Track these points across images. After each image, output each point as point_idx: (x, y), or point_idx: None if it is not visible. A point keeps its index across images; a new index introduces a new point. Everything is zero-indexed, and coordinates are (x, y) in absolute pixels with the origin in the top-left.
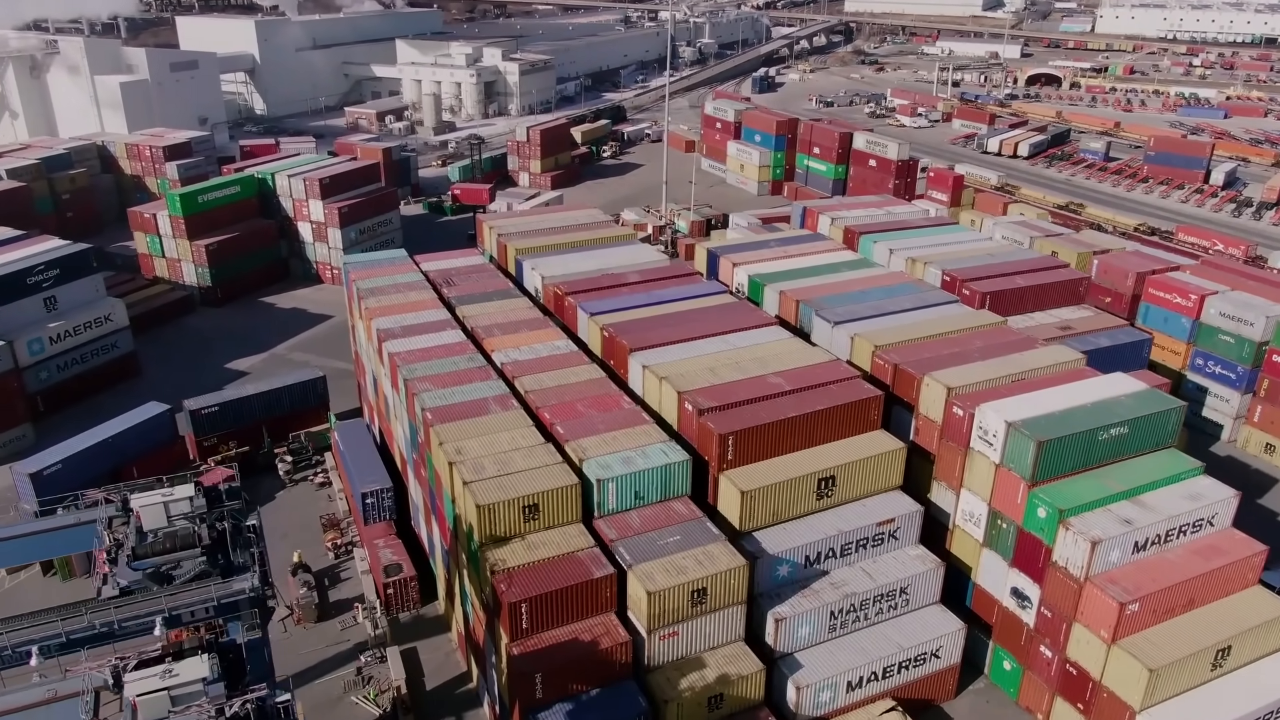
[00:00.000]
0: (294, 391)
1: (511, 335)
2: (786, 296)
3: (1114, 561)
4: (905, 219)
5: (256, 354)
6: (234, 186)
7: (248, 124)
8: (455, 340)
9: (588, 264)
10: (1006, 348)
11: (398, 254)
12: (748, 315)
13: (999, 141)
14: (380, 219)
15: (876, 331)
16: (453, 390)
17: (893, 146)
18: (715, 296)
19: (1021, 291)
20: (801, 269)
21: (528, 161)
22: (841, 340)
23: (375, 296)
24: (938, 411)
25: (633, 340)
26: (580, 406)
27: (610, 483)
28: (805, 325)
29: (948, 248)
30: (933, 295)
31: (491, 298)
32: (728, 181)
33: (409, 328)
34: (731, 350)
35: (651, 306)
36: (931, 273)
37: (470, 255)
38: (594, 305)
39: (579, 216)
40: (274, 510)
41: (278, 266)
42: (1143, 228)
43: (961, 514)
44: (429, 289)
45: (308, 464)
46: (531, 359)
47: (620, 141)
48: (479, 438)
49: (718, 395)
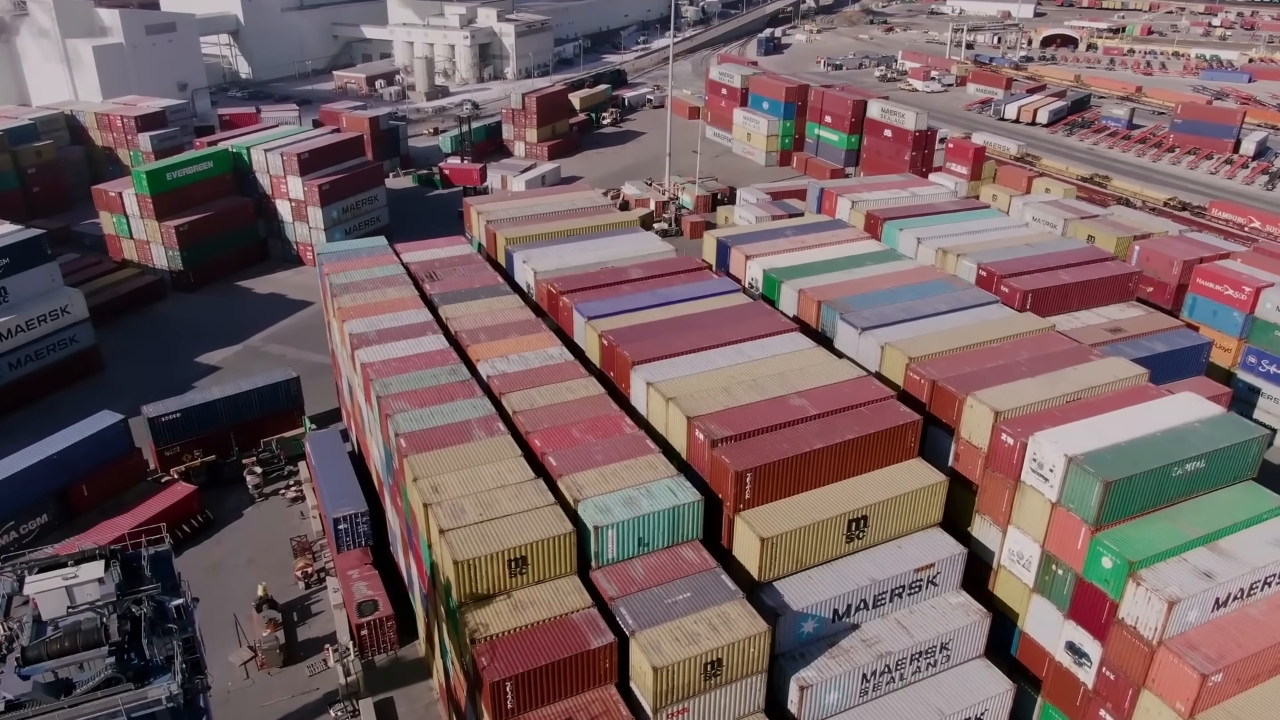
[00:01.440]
0: (264, 394)
1: (500, 341)
2: (806, 296)
3: (1192, 621)
4: (932, 202)
5: (229, 346)
6: (206, 162)
7: (232, 89)
8: (436, 348)
9: (585, 256)
10: (1058, 360)
11: (376, 243)
12: (764, 319)
13: (1017, 108)
14: (364, 195)
15: (910, 340)
16: (431, 411)
17: (909, 115)
18: (727, 296)
19: (1066, 289)
20: (821, 262)
21: (523, 130)
22: (870, 349)
23: (349, 294)
24: (982, 437)
25: (635, 351)
26: (576, 432)
27: (610, 529)
28: (828, 330)
29: (980, 236)
30: (969, 295)
31: (478, 295)
32: (734, 151)
33: (385, 332)
34: (747, 363)
35: (656, 309)
36: (965, 266)
37: (456, 243)
38: (592, 307)
39: (576, 200)
40: (240, 530)
41: (255, 247)
42: (1173, 202)
43: (1008, 554)
44: (409, 284)
45: (280, 475)
46: (521, 371)
47: (621, 108)
48: (459, 471)
49: (733, 422)
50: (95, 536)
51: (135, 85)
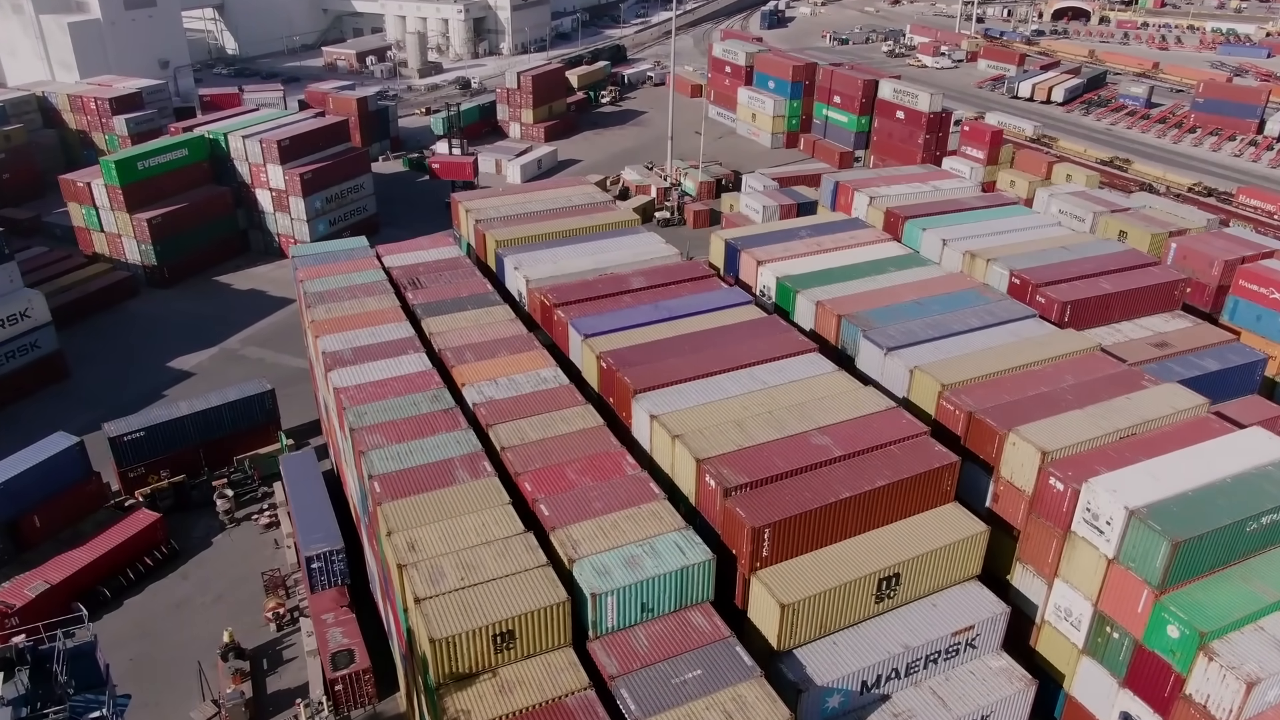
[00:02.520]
0: (237, 409)
1: (488, 361)
2: (825, 309)
3: (1271, 700)
4: (955, 198)
5: (205, 349)
6: (181, 149)
7: (218, 65)
8: (417, 369)
9: (582, 261)
10: (1106, 386)
11: (356, 244)
12: (779, 338)
13: (1031, 85)
14: (350, 184)
15: (942, 364)
16: (410, 447)
17: (923, 96)
18: (738, 309)
19: (1107, 300)
20: (839, 269)
21: (518, 111)
22: (897, 372)
23: (324, 304)
24: (1026, 478)
25: (638, 377)
26: (571, 472)
27: (609, 596)
28: (848, 348)
29: (1010, 237)
30: (1003, 308)
31: (465, 306)
32: (738, 132)
33: (362, 350)
34: (762, 391)
35: (660, 324)
36: (996, 272)
37: (442, 245)
38: (589, 323)
39: (572, 195)
40: (209, 562)
41: (235, 239)
42: (1198, 188)
43: (1054, 608)
44: (390, 293)
45: (253, 497)
46: (511, 397)
47: (620, 85)
48: (440, 523)
49: (748, 465)
50: (47, 574)
51: (114, 64)
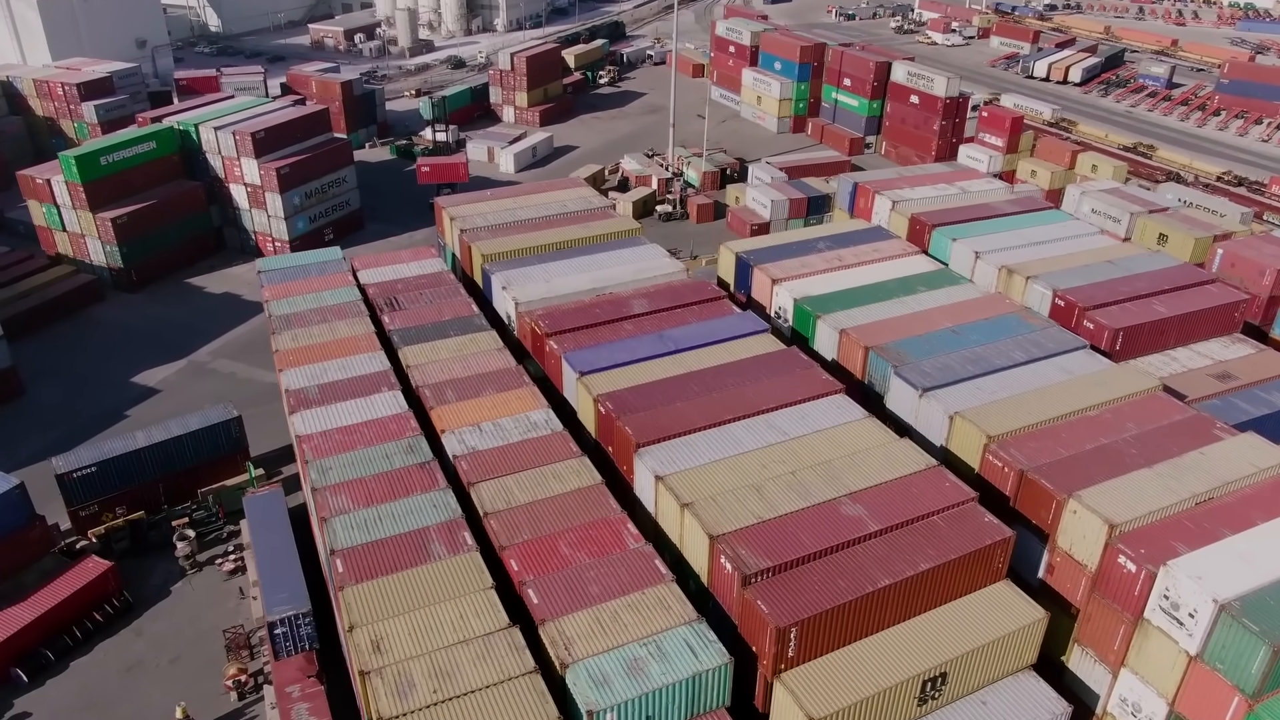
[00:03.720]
0: (199, 440)
1: (471, 401)
2: (849, 339)
3: None
4: (987, 202)
5: (172, 362)
6: (148, 142)
7: (200, 43)
8: (392, 411)
9: (577, 279)
10: (1175, 438)
11: (330, 255)
12: (801, 376)
13: (1047, 65)
14: (331, 178)
15: (986, 409)
16: (380, 512)
17: (939, 80)
18: (753, 340)
19: (1163, 325)
20: (863, 289)
21: (512, 94)
22: (934, 417)
23: (291, 330)
24: (1088, 552)
25: (640, 427)
26: (564, 546)
27: (609, 713)
28: (876, 383)
29: (1047, 248)
30: (1050, 337)
31: (447, 332)
32: (742, 115)
33: (331, 388)
34: (783, 444)
35: (665, 358)
36: (1037, 292)
37: (424, 257)
38: (585, 357)
39: (566, 200)
40: (166, 615)
41: (208, 238)
42: (1228, 177)
43: (1119, 701)
44: (364, 315)
45: (218, 535)
46: (496, 448)
47: (619, 65)
48: (411, 614)
49: (769, 544)
50: None
51: (88, 44)
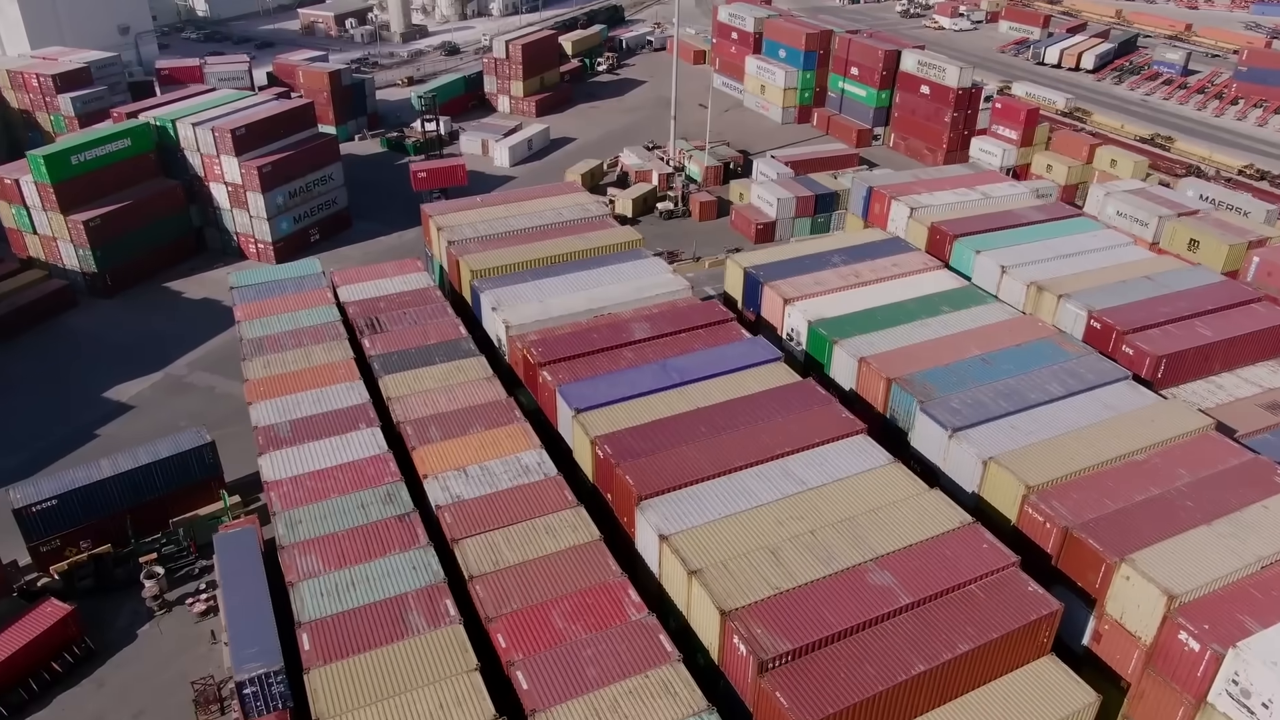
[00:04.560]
0: (169, 467)
1: (457, 440)
2: (870, 369)
3: None
4: (1011, 209)
5: (148, 374)
6: (123, 139)
7: (188, 29)
8: (370, 452)
9: (573, 298)
10: (1234, 488)
11: (307, 269)
12: (818, 414)
13: (1059, 51)
14: (317, 175)
15: (1024, 454)
16: (353, 576)
17: (951, 70)
18: (764, 369)
19: (1208, 351)
20: (883, 309)
21: (507, 83)
22: (965, 461)
23: (263, 356)
24: (1143, 624)
25: (642, 476)
26: (558, 618)
27: None
28: (900, 419)
29: (1078, 262)
30: (1088, 367)
31: (433, 358)
32: (745, 105)
33: (303, 425)
34: (800, 496)
35: (669, 392)
36: (1070, 312)
37: (410, 271)
38: (581, 391)
39: (562, 208)
40: (131, 663)
41: (188, 239)
42: (1250, 170)
43: None
44: (343, 338)
45: (189, 570)
46: (484, 496)
47: (618, 51)
48: (385, 702)
49: (788, 622)
50: None
51: (68, 32)
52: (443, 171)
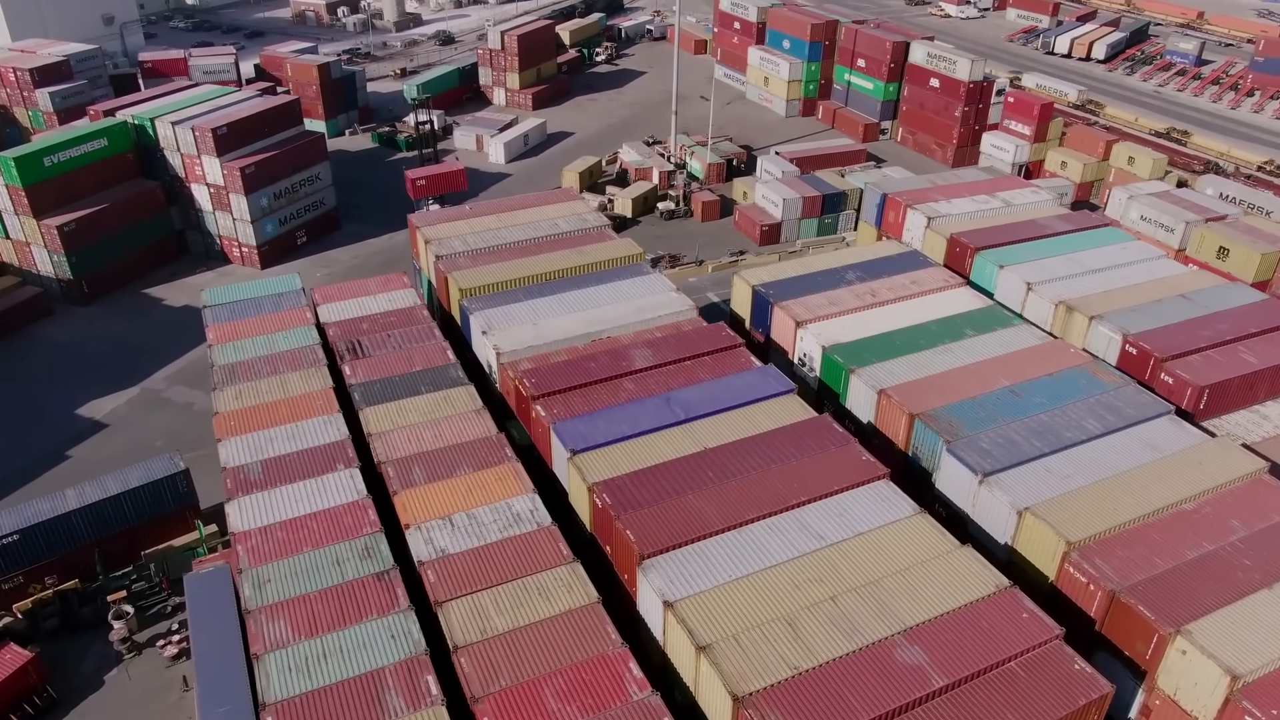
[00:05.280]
0: (139, 497)
1: (443, 484)
2: (890, 403)
3: None
4: (1035, 219)
5: (124, 388)
6: (99, 139)
7: (176, 17)
8: (348, 498)
9: (569, 321)
10: None
11: (286, 285)
12: (835, 458)
13: (1069, 40)
14: (303, 176)
15: (1064, 504)
16: (326, 646)
17: (962, 63)
18: (775, 403)
19: (1253, 380)
20: (902, 333)
21: (503, 75)
22: (998, 511)
23: (235, 385)
24: (1201, 704)
25: (644, 531)
26: (551, 696)
27: None
28: (925, 459)
29: (1109, 277)
30: (1127, 400)
31: (418, 387)
32: (748, 97)
33: (275, 465)
34: (819, 554)
35: (673, 429)
36: (1103, 335)
37: (396, 287)
38: (578, 431)
39: (558, 218)
40: (95, 715)
41: (169, 243)
42: (1270, 166)
43: None
44: (322, 364)
45: (161, 609)
46: (471, 550)
47: (617, 41)
48: None
49: (810, 708)
50: None
51: (51, 23)
52: (441, 178)
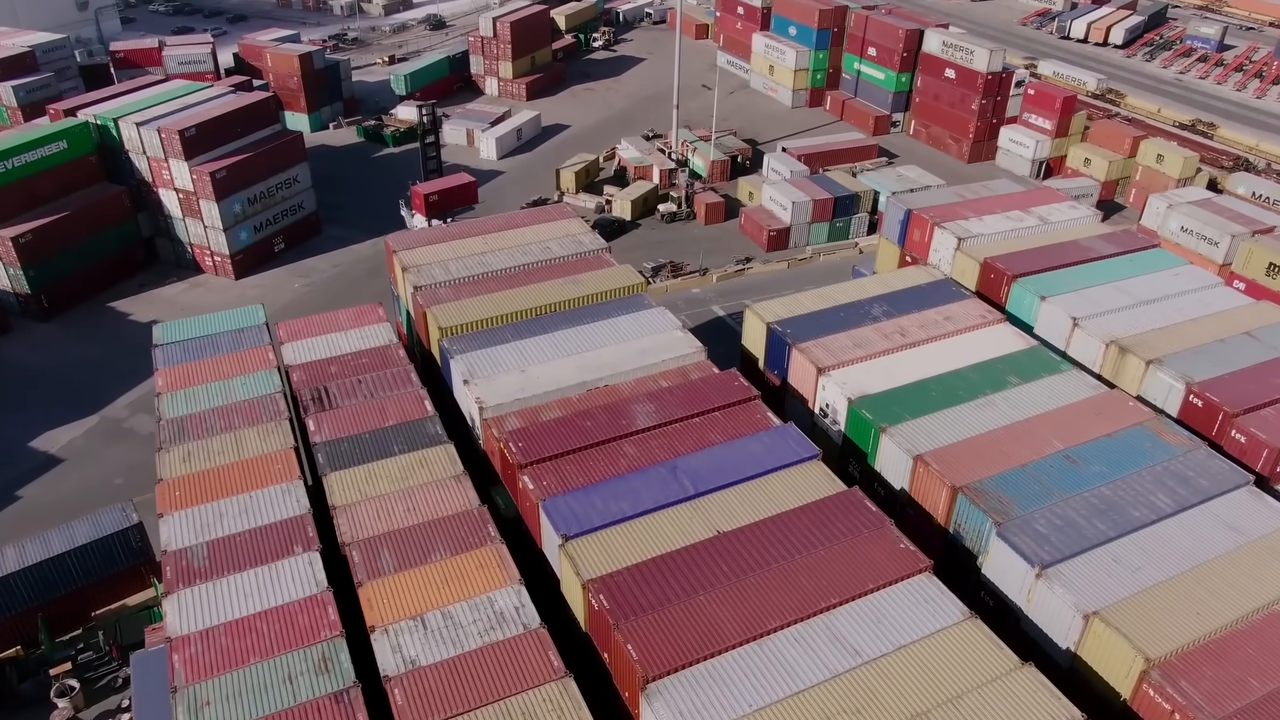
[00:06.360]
0: (88, 555)
1: (415, 571)
2: (929, 470)
3: None
4: (1077, 240)
5: (83, 416)
6: (58, 141)
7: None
8: (305, 591)
9: (563, 366)
10: None
11: (248, 319)
12: (869, 545)
13: (1085, 24)
14: (281, 178)
15: (1138, 606)
16: None
17: (980, 53)
18: (797, 472)
19: None
20: (937, 382)
21: (495, 64)
22: (1059, 612)
23: (183, 445)
24: None
25: (649, 646)
26: None
27: None
28: (970, 540)
29: (1163, 310)
30: (1197, 468)
31: (390, 447)
32: (752, 86)
33: (223, 546)
34: (853, 673)
35: (681, 506)
36: (1162, 383)
37: (370, 321)
38: (571, 509)
39: (551, 240)
40: None
41: (137, 251)
42: None
43: None
44: (283, 417)
45: (110, 681)
46: (447, 661)
47: (614, 25)
48: None
49: None
50: None
51: (22, 9)
52: (454, 192)
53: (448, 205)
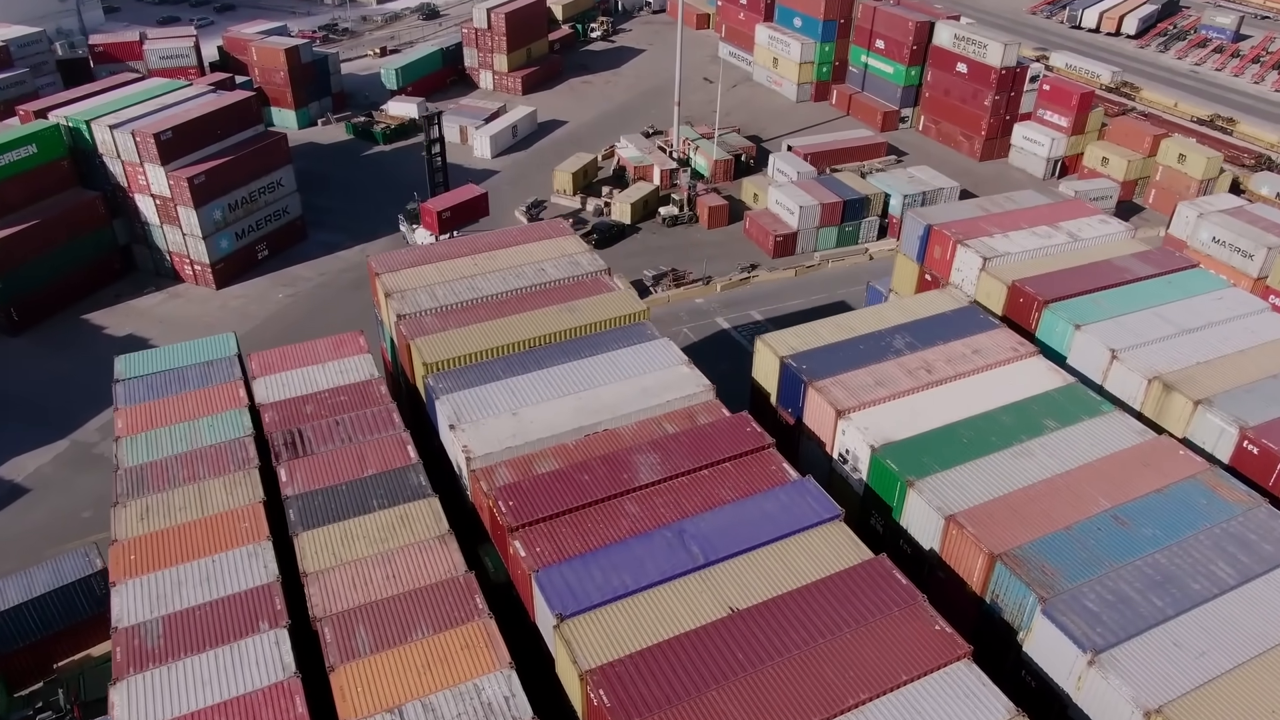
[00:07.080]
0: (48, 605)
1: (393, 652)
2: (963, 534)
3: None
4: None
5: (52, 441)
6: (27, 145)
7: None
8: (270, 679)
9: (558, 406)
10: None
11: (218, 350)
12: (900, 625)
13: (1097, 14)
14: (264, 183)
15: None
16: None
17: (994, 47)
18: (817, 535)
19: None
20: (966, 425)
21: (489, 56)
22: (1114, 706)
23: (142, 499)
24: None
25: None
26: None
27: None
28: (1011, 614)
29: (1208, 340)
30: (1257, 529)
31: (369, 500)
32: (755, 79)
33: (180, 621)
34: None
35: (690, 576)
36: (1212, 426)
37: (350, 352)
38: (566, 582)
39: (545, 260)
40: None
41: (113, 259)
42: None
43: None
44: (252, 465)
45: None
46: None
47: (613, 15)
48: None
49: None
50: None
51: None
52: (466, 206)
53: (461, 221)
